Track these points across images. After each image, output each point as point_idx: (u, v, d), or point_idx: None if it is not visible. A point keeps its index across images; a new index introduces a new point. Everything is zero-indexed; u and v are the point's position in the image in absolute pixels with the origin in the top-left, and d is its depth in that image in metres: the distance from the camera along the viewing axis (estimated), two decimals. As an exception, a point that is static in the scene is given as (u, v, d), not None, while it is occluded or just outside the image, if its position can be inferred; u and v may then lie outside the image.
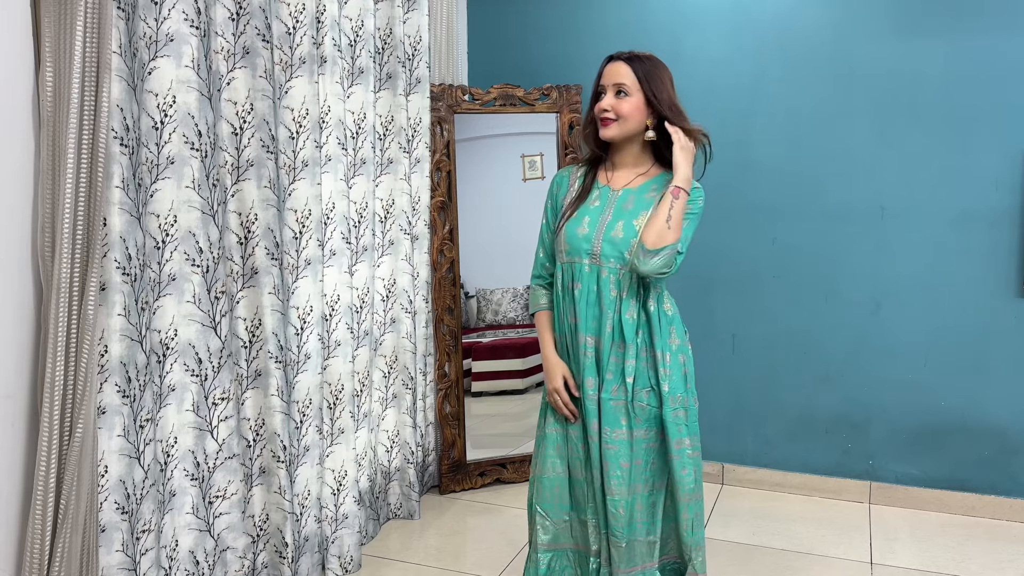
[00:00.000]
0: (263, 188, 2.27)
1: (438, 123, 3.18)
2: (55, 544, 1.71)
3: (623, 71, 1.88)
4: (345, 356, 2.64)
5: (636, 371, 1.87)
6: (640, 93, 1.87)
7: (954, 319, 3.02)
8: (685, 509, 1.90)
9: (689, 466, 1.89)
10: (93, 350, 1.74)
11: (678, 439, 1.87)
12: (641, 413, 1.88)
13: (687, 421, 1.89)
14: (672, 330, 1.91)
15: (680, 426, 1.88)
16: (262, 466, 2.35)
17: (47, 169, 1.72)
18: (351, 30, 2.66)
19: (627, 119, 1.88)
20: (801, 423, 3.25)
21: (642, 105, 1.88)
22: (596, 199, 1.95)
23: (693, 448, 1.91)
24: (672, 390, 1.88)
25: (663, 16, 3.29)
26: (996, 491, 3.03)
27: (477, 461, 3.31)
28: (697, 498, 1.93)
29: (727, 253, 3.28)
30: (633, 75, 1.87)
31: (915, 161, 3.03)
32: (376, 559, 2.72)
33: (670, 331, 1.90)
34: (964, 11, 2.92)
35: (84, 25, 1.70)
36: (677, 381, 1.88)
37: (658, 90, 1.87)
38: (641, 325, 1.88)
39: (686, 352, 1.93)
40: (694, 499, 1.92)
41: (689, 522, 1.91)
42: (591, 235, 1.90)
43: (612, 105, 1.88)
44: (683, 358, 1.92)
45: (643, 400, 1.87)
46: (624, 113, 1.88)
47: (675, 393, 1.88)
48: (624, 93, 1.88)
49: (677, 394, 1.88)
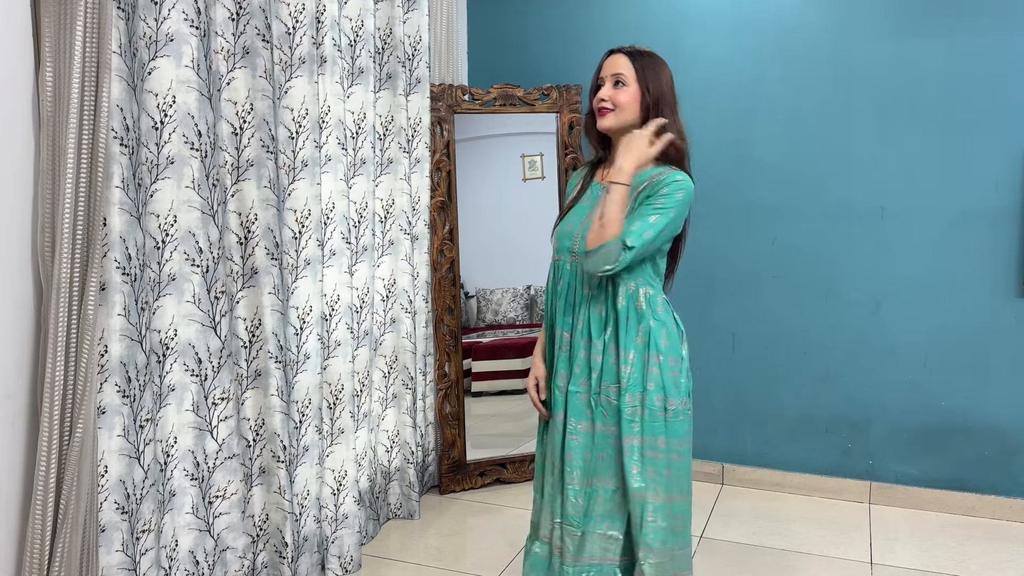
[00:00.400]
0: (263, 188, 2.27)
1: (438, 123, 3.18)
2: (55, 544, 1.71)
3: (622, 63, 1.89)
4: (345, 356, 2.64)
5: (603, 366, 1.88)
6: (637, 84, 1.87)
7: (954, 319, 3.02)
8: (636, 507, 1.85)
9: (640, 464, 1.83)
10: (93, 350, 1.74)
11: (629, 435, 1.84)
12: (607, 407, 1.88)
13: (647, 420, 1.84)
14: (641, 329, 1.85)
15: (634, 423, 1.84)
16: (262, 466, 2.35)
17: (47, 169, 1.72)
18: (351, 30, 2.66)
19: (624, 109, 1.88)
20: (801, 423, 3.25)
21: (639, 96, 1.88)
22: (588, 198, 1.96)
23: (655, 449, 1.84)
24: (631, 387, 1.84)
25: (663, 16, 3.29)
26: (996, 491, 3.03)
27: (477, 461, 3.31)
28: (656, 500, 1.84)
29: (727, 253, 3.28)
30: (631, 67, 1.87)
31: (915, 161, 3.03)
32: (376, 559, 2.72)
33: (638, 329, 1.85)
34: (964, 11, 2.92)
35: (84, 25, 1.70)
36: (637, 379, 1.84)
37: (652, 84, 1.87)
38: (610, 322, 1.88)
39: (675, 354, 1.87)
40: (650, 500, 1.84)
41: (639, 520, 1.84)
42: (573, 233, 1.91)
43: (610, 95, 1.88)
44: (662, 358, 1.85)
45: (609, 395, 1.87)
46: (621, 103, 1.87)
47: (633, 391, 1.84)
48: (622, 84, 1.88)
49: (636, 392, 1.84)
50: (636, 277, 1.86)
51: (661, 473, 1.84)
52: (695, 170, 1.94)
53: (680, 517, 1.88)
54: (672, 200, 1.80)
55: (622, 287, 1.87)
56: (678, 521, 1.87)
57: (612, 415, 1.86)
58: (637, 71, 1.87)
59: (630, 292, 1.87)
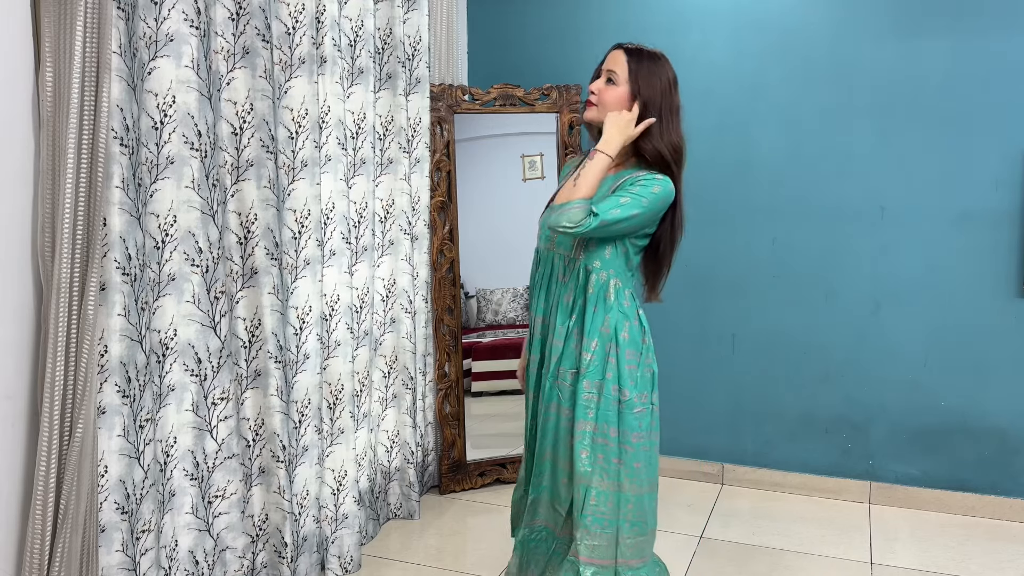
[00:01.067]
0: (263, 188, 2.27)
1: (438, 123, 3.18)
2: (55, 544, 1.71)
3: (620, 60, 1.90)
4: (345, 356, 2.64)
5: (563, 351, 1.93)
6: (627, 85, 1.88)
7: (954, 319, 3.02)
8: (579, 489, 1.90)
9: (589, 450, 1.88)
10: (93, 350, 1.74)
11: (583, 420, 1.88)
12: (563, 391, 1.93)
13: (602, 407, 1.87)
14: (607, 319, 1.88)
15: (589, 410, 1.88)
16: (261, 466, 2.35)
17: (47, 169, 1.72)
18: (351, 30, 2.66)
19: (606, 107, 1.89)
20: (801, 423, 3.25)
21: (626, 98, 1.88)
22: None
23: (606, 436, 1.87)
24: (589, 374, 1.88)
25: (663, 16, 3.29)
26: (996, 491, 3.03)
27: (477, 461, 3.31)
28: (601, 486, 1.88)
29: (727, 253, 3.28)
30: (627, 66, 1.88)
31: (915, 161, 3.03)
32: (376, 559, 2.72)
33: (604, 319, 1.88)
34: (964, 11, 2.92)
35: (84, 25, 1.70)
36: (597, 368, 1.88)
37: (645, 86, 1.87)
38: (576, 308, 1.92)
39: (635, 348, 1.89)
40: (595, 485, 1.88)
41: (580, 502, 1.89)
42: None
43: (599, 90, 1.91)
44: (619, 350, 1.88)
45: (565, 379, 1.92)
46: (605, 100, 1.90)
47: (592, 378, 1.88)
48: (613, 81, 1.89)
49: (595, 379, 1.88)
50: (609, 267, 1.90)
51: (610, 461, 1.88)
52: (695, 169, 1.95)
53: (632, 506, 1.90)
54: (647, 191, 1.83)
55: (594, 276, 1.90)
56: (629, 510, 1.90)
57: (567, 399, 1.92)
58: (631, 71, 1.88)
59: (601, 282, 1.90)
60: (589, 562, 1.88)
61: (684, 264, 3.33)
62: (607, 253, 1.89)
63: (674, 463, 3.41)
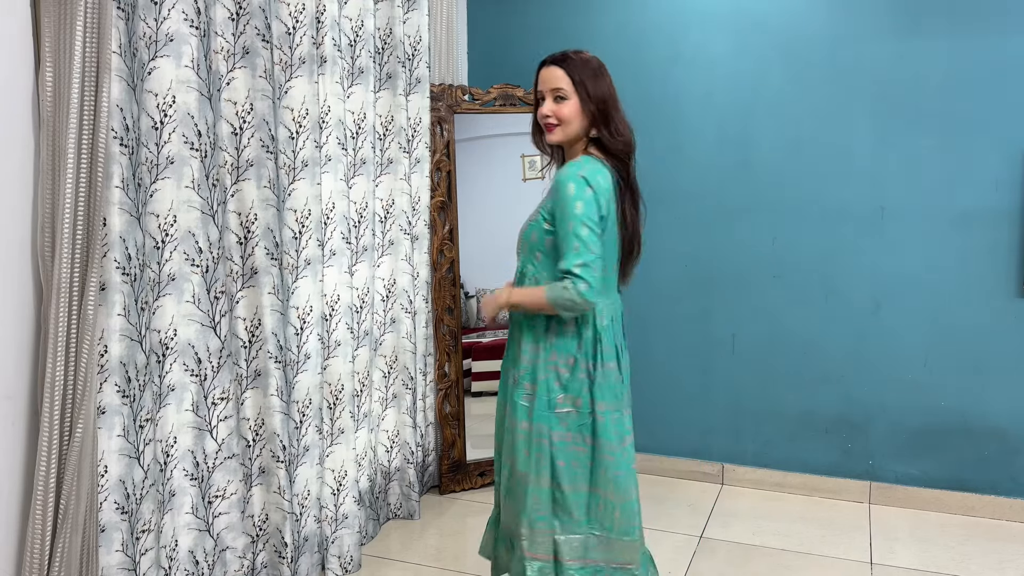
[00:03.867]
0: (263, 188, 2.27)
1: (438, 123, 3.18)
2: (55, 544, 1.71)
3: (558, 75, 1.91)
4: (345, 356, 2.64)
5: (509, 354, 2.03)
6: (576, 95, 1.90)
7: (954, 319, 3.02)
8: (519, 487, 1.96)
9: (527, 448, 1.93)
10: (93, 350, 1.74)
11: (523, 420, 1.94)
12: (505, 390, 2.03)
13: (537, 408, 1.91)
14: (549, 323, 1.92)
15: (525, 409, 1.94)
16: (261, 466, 2.35)
17: (47, 169, 1.72)
18: (351, 30, 2.66)
19: (569, 122, 1.92)
20: (801, 423, 3.25)
21: (579, 107, 1.91)
22: None
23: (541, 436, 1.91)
24: (522, 377, 1.95)
25: (663, 16, 3.29)
26: (996, 491, 3.03)
27: (477, 461, 3.31)
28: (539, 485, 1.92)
29: (727, 253, 3.28)
30: (568, 78, 1.90)
31: (915, 161, 3.03)
32: (376, 559, 2.72)
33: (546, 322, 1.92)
34: (964, 11, 2.92)
35: (84, 25, 1.70)
36: (529, 369, 1.93)
37: (592, 88, 1.90)
38: (522, 313, 1.98)
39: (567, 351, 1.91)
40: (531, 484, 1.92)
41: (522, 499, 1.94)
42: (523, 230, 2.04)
43: (553, 111, 1.92)
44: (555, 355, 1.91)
45: (507, 379, 2.02)
46: (565, 117, 1.91)
47: (524, 380, 1.94)
48: (562, 97, 1.91)
49: (526, 382, 1.94)
50: (541, 271, 1.95)
51: (546, 461, 1.92)
52: (695, 169, 1.95)
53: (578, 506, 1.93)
54: (571, 211, 1.83)
55: (528, 281, 1.97)
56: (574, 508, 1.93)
57: (510, 399, 1.99)
58: (575, 82, 1.90)
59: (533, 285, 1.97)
60: None
61: (684, 264, 3.33)
62: (537, 257, 1.96)
63: (674, 463, 3.41)
